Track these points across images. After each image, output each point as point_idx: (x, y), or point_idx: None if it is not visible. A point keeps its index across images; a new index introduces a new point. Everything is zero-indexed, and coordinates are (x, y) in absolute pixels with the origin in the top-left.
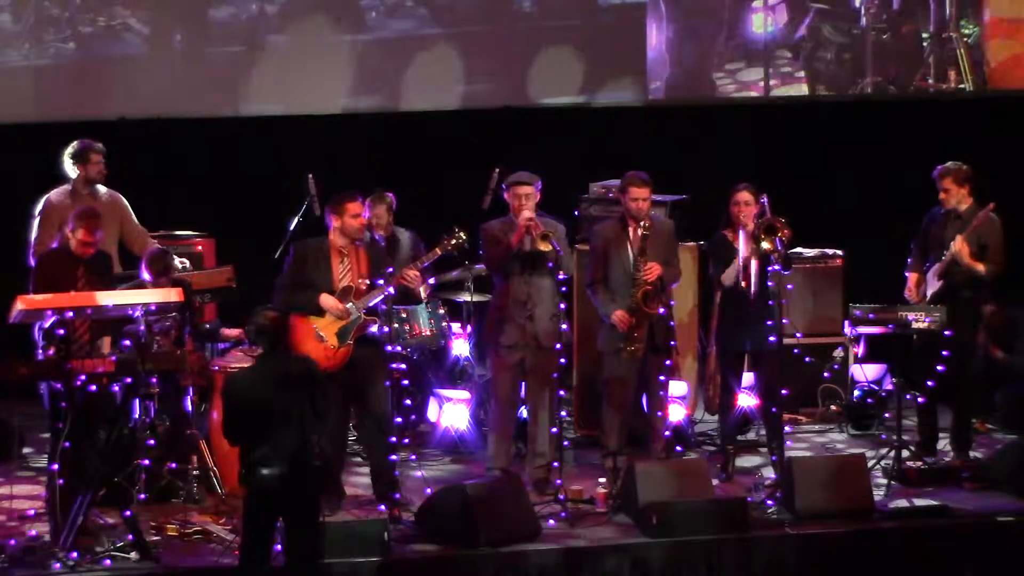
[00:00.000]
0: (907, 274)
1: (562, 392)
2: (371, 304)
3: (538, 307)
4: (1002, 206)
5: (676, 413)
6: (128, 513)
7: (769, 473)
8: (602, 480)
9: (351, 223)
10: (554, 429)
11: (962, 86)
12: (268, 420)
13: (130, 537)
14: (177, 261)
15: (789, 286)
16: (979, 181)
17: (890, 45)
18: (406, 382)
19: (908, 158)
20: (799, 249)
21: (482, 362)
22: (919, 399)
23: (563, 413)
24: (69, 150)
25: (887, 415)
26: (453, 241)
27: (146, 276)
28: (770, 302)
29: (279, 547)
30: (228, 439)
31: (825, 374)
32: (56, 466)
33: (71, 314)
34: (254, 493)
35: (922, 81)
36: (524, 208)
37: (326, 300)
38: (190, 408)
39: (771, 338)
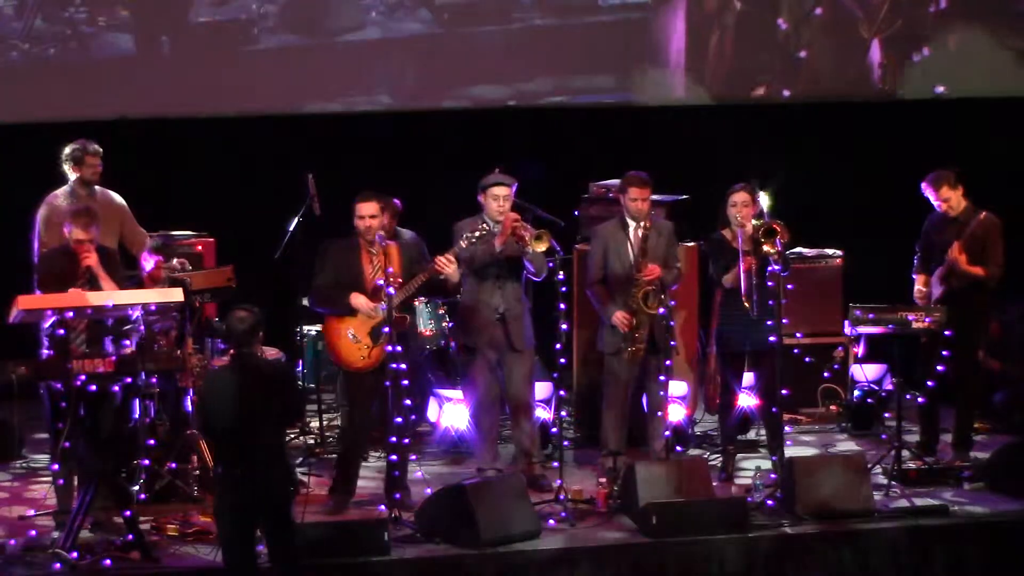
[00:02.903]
0: (915, 276)
1: (562, 392)
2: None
3: (509, 310)
4: (1001, 208)
5: (676, 413)
6: (128, 513)
7: (769, 473)
8: (602, 480)
9: (358, 224)
10: (554, 429)
11: None
12: (238, 419)
13: (130, 537)
14: (176, 261)
15: (789, 286)
16: (979, 181)
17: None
18: (406, 382)
19: (908, 158)
20: (799, 249)
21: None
22: (919, 399)
23: (563, 413)
24: (65, 152)
25: (887, 415)
26: (477, 234)
27: (148, 265)
28: (770, 302)
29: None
30: (203, 435)
31: (825, 374)
32: (56, 466)
33: (71, 314)
34: (224, 493)
35: None
36: (502, 210)
37: (356, 299)
38: (190, 408)
39: (771, 338)
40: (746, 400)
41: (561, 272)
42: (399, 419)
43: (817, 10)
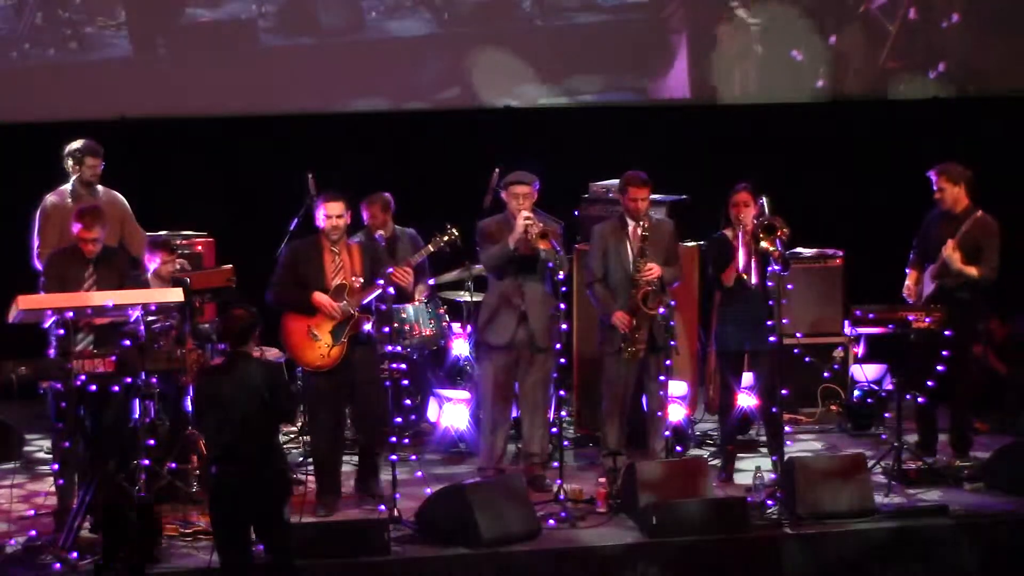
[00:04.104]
0: (907, 271)
1: (562, 392)
2: (365, 302)
3: (531, 308)
4: (1001, 207)
5: (676, 413)
6: None
7: (769, 473)
8: (602, 480)
9: (326, 223)
10: (554, 429)
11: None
12: (228, 418)
13: None
14: (176, 262)
15: (789, 286)
16: (976, 181)
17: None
18: (406, 382)
19: (908, 158)
20: (799, 249)
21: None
22: (919, 399)
23: (563, 413)
24: (66, 151)
25: (887, 415)
26: (445, 238)
27: (152, 266)
28: (770, 302)
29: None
30: (199, 431)
31: (825, 374)
32: (57, 466)
33: (71, 314)
34: (217, 493)
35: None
36: (522, 208)
37: (319, 298)
38: (190, 408)
39: (770, 338)
40: (746, 400)
41: (561, 272)
42: (399, 419)
43: (832, 38)
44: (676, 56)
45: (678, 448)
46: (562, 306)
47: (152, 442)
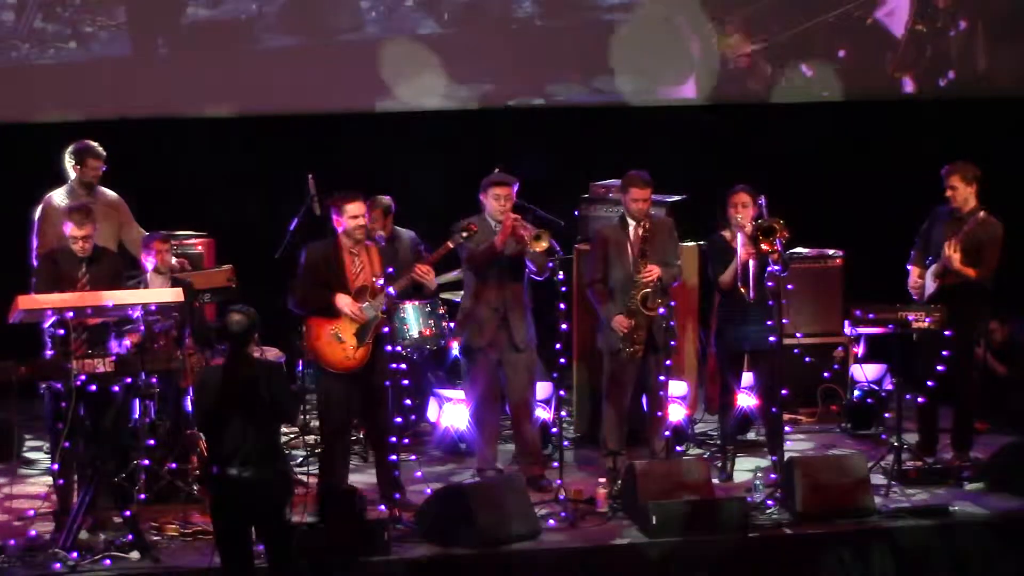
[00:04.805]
0: (909, 267)
1: (562, 392)
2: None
3: (511, 309)
4: (1003, 209)
5: (676, 413)
6: (128, 513)
7: (769, 473)
8: (602, 480)
9: (349, 224)
10: (554, 429)
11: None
12: (228, 420)
13: (130, 537)
14: (176, 261)
15: (789, 286)
16: (985, 182)
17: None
18: (406, 382)
19: (909, 158)
20: (799, 249)
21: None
22: (919, 399)
23: (563, 413)
24: (68, 151)
25: (887, 415)
26: (464, 234)
27: (149, 264)
28: (769, 302)
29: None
30: (200, 431)
31: (825, 374)
32: (56, 466)
33: (71, 314)
34: (219, 493)
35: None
36: (504, 209)
37: (341, 300)
38: (190, 408)
39: (771, 338)
40: (746, 400)
41: (561, 272)
42: (399, 419)
43: (840, 52)
44: (677, 57)
45: (678, 448)
46: (562, 306)
47: (152, 442)
